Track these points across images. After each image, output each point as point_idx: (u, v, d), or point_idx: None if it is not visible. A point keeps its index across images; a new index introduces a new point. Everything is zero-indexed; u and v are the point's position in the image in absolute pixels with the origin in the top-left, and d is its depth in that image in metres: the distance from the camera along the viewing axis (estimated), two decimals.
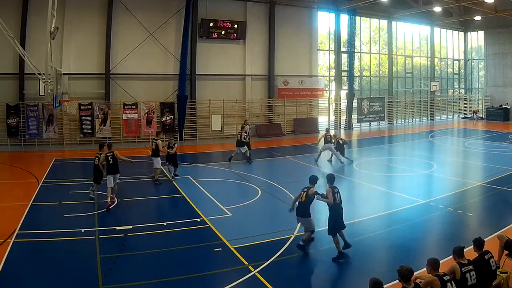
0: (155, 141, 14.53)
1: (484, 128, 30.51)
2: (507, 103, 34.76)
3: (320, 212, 11.02)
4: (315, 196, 8.30)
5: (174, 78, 24.31)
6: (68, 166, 17.68)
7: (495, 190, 12.97)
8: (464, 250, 6.31)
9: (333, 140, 17.76)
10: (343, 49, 30.19)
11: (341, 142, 17.88)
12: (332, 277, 7.63)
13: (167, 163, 14.91)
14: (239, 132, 18.16)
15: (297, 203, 8.60)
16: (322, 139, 18.00)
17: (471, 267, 6.05)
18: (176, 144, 14.82)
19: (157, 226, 9.86)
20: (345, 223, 8.46)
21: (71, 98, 20.44)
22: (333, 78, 30.61)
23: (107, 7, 22.46)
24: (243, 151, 17.75)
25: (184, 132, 24.48)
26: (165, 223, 9.96)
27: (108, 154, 11.58)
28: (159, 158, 14.22)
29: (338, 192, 8.43)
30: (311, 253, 8.47)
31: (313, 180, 8.72)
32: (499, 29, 34.21)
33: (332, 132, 19.91)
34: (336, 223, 8.22)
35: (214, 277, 7.55)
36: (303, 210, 8.42)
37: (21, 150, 20.71)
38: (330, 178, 8.53)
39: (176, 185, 13.71)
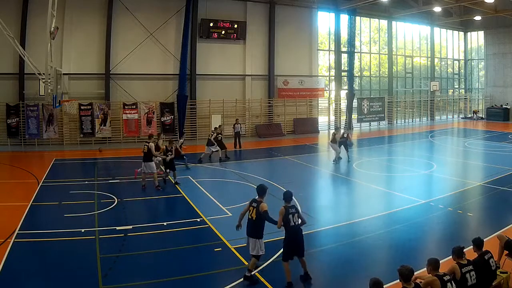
0: (147, 144, 13.22)
1: (484, 128, 30.52)
2: (507, 103, 34.77)
3: (320, 211, 11.03)
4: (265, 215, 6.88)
5: (174, 78, 24.30)
6: (68, 166, 17.68)
7: (495, 190, 12.97)
8: (464, 250, 6.30)
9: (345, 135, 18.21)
10: (343, 49, 30.19)
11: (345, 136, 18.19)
12: (332, 277, 7.62)
13: (167, 170, 13.98)
14: (212, 131, 18.38)
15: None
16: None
17: (470, 267, 6.05)
18: (172, 148, 13.84)
19: (157, 226, 9.85)
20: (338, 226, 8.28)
21: (71, 98, 20.45)
22: (333, 78, 30.61)
23: (107, 7, 22.47)
24: (210, 151, 17.89)
25: (184, 132, 24.44)
26: (165, 223, 9.96)
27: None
28: (152, 163, 13.26)
29: (296, 212, 7.02)
30: (311, 253, 8.46)
31: (262, 190, 7.25)
32: (499, 29, 34.23)
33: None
34: (289, 249, 6.97)
35: (214, 277, 7.55)
36: (255, 230, 7.00)
37: (21, 150, 20.71)
38: (285, 195, 7.18)
39: (175, 185, 13.69)
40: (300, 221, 7.06)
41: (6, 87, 21.06)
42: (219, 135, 18.05)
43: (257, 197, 7.27)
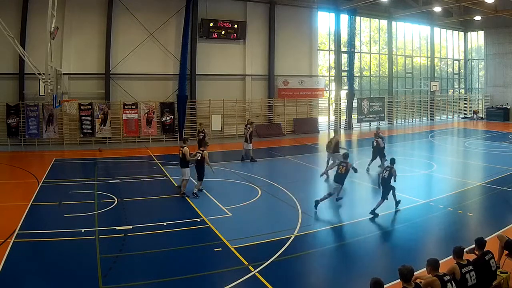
0: (181, 149, 12.67)
1: (484, 128, 30.51)
2: (507, 103, 34.76)
3: (320, 211, 11.05)
4: (351, 167, 11.42)
5: (174, 78, 24.30)
6: (68, 166, 17.66)
7: (495, 190, 12.97)
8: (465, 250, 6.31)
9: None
10: (343, 49, 30.18)
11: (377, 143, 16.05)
12: (332, 277, 7.62)
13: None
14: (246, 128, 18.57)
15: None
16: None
17: (470, 267, 6.05)
18: (204, 151, 12.63)
19: (157, 226, 9.85)
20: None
21: (71, 98, 20.46)
22: (333, 78, 30.60)
23: (107, 7, 22.45)
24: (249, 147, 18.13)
25: (184, 132, 24.45)
26: (165, 223, 9.95)
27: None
28: (188, 169, 12.61)
29: (389, 171, 10.95)
30: (311, 253, 8.48)
31: (347, 156, 11.77)
32: (499, 29, 34.22)
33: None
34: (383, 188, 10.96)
35: (214, 277, 7.55)
36: (342, 180, 11.31)
37: (21, 150, 20.70)
38: (391, 160, 11.60)
39: (176, 185, 13.68)
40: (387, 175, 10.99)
41: (6, 87, 21.03)
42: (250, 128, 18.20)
43: (343, 160, 11.49)
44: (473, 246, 6.73)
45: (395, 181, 10.93)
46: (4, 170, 16.46)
